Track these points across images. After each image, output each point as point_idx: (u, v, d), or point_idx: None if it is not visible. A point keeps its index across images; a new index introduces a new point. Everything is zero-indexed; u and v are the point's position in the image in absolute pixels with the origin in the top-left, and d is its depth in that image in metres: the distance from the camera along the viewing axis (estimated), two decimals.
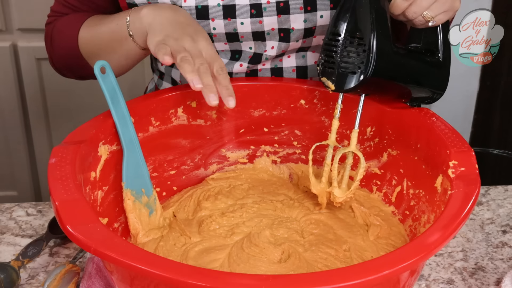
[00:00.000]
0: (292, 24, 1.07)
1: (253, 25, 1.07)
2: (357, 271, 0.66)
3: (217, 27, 1.07)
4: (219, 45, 1.10)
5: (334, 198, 0.98)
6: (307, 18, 1.06)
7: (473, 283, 0.99)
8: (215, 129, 1.09)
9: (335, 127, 0.98)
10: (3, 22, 2.04)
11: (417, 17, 0.93)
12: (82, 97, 2.16)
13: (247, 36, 1.08)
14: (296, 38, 1.09)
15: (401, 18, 0.94)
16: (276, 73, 1.16)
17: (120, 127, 0.93)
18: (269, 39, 1.09)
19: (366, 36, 0.90)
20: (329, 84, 0.95)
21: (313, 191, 1.00)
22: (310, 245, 0.92)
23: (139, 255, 0.68)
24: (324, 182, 0.99)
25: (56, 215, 0.73)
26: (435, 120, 0.94)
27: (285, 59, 1.15)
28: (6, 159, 2.25)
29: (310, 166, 0.99)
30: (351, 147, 0.97)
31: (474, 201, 0.76)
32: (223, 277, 0.68)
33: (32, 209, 1.16)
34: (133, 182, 0.95)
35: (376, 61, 0.90)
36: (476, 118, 2.31)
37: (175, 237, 0.94)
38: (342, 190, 0.97)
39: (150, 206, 0.96)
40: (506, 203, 1.20)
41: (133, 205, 0.94)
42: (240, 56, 1.13)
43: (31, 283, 0.98)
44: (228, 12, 1.05)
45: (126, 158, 0.94)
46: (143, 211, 0.95)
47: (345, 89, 0.93)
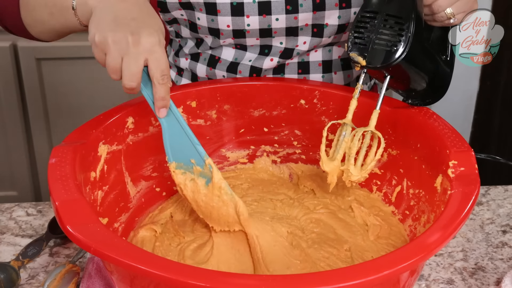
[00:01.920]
0: (326, 20, 1.08)
1: (288, 21, 1.07)
2: (357, 271, 0.66)
3: (252, 24, 1.07)
4: (250, 41, 1.11)
5: (348, 177, 0.96)
6: (342, 15, 1.07)
7: (473, 283, 0.99)
8: (215, 129, 1.09)
9: (353, 106, 0.98)
10: None
11: (441, 11, 0.94)
12: (82, 97, 2.16)
13: (280, 32, 1.09)
14: (329, 34, 1.10)
15: (426, 10, 0.95)
16: (302, 67, 1.16)
17: (153, 103, 0.88)
18: (302, 34, 1.10)
19: (407, 16, 0.91)
20: (359, 60, 0.94)
21: (324, 169, 0.98)
22: (313, 243, 0.92)
23: (139, 255, 0.68)
24: (338, 160, 0.97)
25: (56, 215, 0.73)
26: (435, 120, 0.94)
27: (312, 53, 1.15)
28: (6, 159, 2.25)
29: (323, 144, 0.97)
30: (370, 127, 0.95)
31: (474, 201, 0.77)
32: (223, 277, 0.68)
33: (32, 209, 1.16)
34: (178, 154, 0.91)
35: (412, 43, 0.91)
36: (476, 118, 2.31)
37: (169, 237, 0.94)
38: (357, 169, 0.96)
39: (206, 175, 0.92)
40: (506, 203, 1.20)
41: (183, 177, 0.91)
42: (269, 51, 1.13)
43: (31, 283, 0.98)
44: (264, 9, 1.06)
45: (167, 132, 0.90)
46: (198, 181, 0.91)
47: (376, 66, 0.93)
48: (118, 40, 0.81)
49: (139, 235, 0.95)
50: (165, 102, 0.86)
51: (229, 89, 1.09)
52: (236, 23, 1.06)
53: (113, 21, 0.84)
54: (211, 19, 1.07)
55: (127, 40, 0.81)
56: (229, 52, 1.14)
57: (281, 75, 1.16)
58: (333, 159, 0.97)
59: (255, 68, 1.13)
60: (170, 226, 0.97)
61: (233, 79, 1.14)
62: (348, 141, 0.96)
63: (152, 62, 0.82)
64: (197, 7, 1.06)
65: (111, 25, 0.83)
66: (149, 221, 0.99)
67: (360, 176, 0.96)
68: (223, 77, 1.15)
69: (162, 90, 0.84)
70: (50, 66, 2.13)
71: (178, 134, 0.90)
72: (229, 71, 1.15)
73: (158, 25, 0.86)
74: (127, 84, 0.82)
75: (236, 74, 1.14)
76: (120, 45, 0.81)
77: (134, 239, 0.95)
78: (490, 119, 2.30)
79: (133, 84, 0.82)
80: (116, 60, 0.82)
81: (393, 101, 1.03)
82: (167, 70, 0.84)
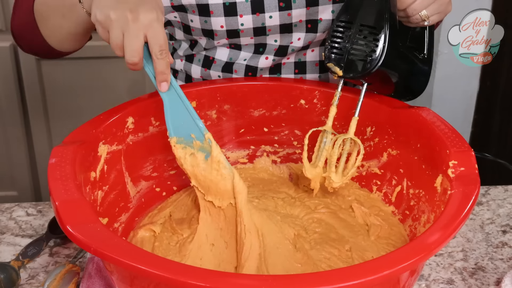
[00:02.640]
0: (320, 15, 1.08)
1: (282, 18, 1.07)
2: (357, 271, 0.66)
3: (245, 23, 1.07)
4: (244, 40, 1.11)
5: (330, 183, 0.99)
6: (335, 9, 1.07)
7: (473, 283, 0.99)
8: (215, 129, 1.09)
9: (332, 113, 1.00)
10: (3, 22, 2.04)
11: (415, 14, 0.95)
12: (82, 97, 2.16)
13: (274, 29, 1.09)
14: (324, 29, 1.10)
15: (401, 14, 0.97)
16: (299, 66, 1.16)
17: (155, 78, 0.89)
18: (296, 30, 1.10)
19: (380, 26, 0.93)
20: (336, 70, 0.96)
21: (306, 175, 1.01)
22: (316, 244, 0.92)
23: (139, 255, 0.68)
24: (320, 167, 1.00)
25: (56, 215, 0.73)
26: (435, 120, 0.94)
27: (309, 53, 1.15)
28: (6, 159, 2.25)
29: (304, 151, 1.00)
30: (349, 134, 0.98)
31: (474, 201, 0.76)
32: (223, 277, 0.68)
33: (32, 209, 1.16)
34: (178, 129, 0.92)
35: (387, 50, 0.92)
36: (476, 118, 2.31)
37: (167, 236, 0.94)
38: (338, 176, 0.99)
39: (205, 149, 0.92)
40: (506, 203, 1.20)
41: (183, 151, 0.92)
42: (264, 49, 1.13)
43: (31, 283, 0.98)
44: (257, 7, 1.06)
45: (168, 107, 0.91)
46: (198, 155, 0.92)
47: (353, 76, 0.96)
48: (117, 18, 0.84)
49: (138, 235, 0.95)
50: (165, 76, 0.88)
51: (229, 89, 1.09)
52: (230, 23, 1.06)
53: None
54: (204, 21, 1.07)
55: (126, 17, 0.84)
56: (224, 52, 1.14)
57: (277, 75, 1.16)
58: (315, 166, 1.00)
59: (251, 67, 1.13)
60: (168, 225, 0.97)
61: (233, 79, 1.13)
62: (329, 148, 0.99)
63: (151, 38, 0.85)
64: (189, 9, 1.06)
65: (111, 3, 0.86)
66: (148, 221, 0.99)
67: (342, 183, 0.99)
68: (218, 77, 1.15)
69: (162, 64, 0.86)
70: (50, 66, 2.13)
71: (179, 109, 0.91)
72: (224, 71, 1.15)
73: (156, 2, 0.88)
74: (129, 60, 0.84)
75: (232, 74, 1.14)
76: (120, 22, 0.84)
77: (134, 240, 0.95)
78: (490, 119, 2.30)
79: (135, 59, 0.84)
80: (118, 37, 0.84)
81: (393, 101, 1.03)
82: (165, 45, 0.86)
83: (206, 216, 0.93)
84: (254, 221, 0.89)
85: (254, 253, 0.86)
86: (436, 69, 2.10)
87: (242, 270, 0.85)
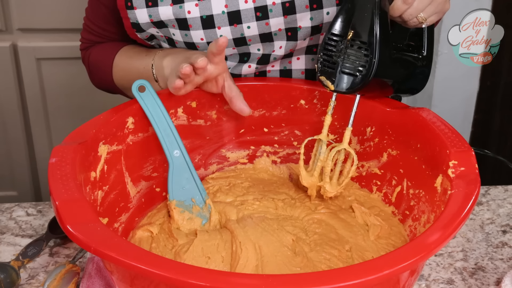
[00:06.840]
0: (299, 23, 1.07)
1: (260, 27, 1.07)
2: (357, 271, 0.66)
3: (224, 34, 1.07)
4: (227, 50, 1.11)
5: (325, 192, 1.01)
6: (314, 16, 1.07)
7: (473, 283, 0.99)
8: (215, 129, 1.09)
9: (327, 122, 1.00)
10: (3, 22, 2.04)
11: (412, 18, 0.94)
12: (82, 97, 2.16)
13: (254, 39, 1.09)
14: (304, 36, 1.10)
15: (397, 19, 0.96)
16: (285, 74, 1.16)
17: (164, 141, 0.97)
18: (277, 39, 1.10)
19: (370, 41, 0.92)
20: (328, 84, 0.96)
21: (303, 183, 1.02)
22: (315, 245, 0.92)
23: (139, 255, 0.68)
24: (316, 176, 1.01)
25: (56, 215, 0.73)
26: (435, 120, 0.94)
27: (294, 61, 1.15)
28: (6, 159, 2.25)
29: (301, 159, 1.01)
30: (343, 145, 0.98)
31: (474, 201, 0.76)
32: (223, 277, 0.68)
33: (32, 209, 1.16)
34: (179, 193, 0.98)
35: (377, 65, 0.92)
36: (476, 118, 2.31)
37: (164, 238, 0.94)
38: (333, 185, 1.00)
39: (204, 215, 0.98)
40: (506, 203, 1.20)
41: (181, 215, 0.97)
42: (248, 58, 1.13)
43: (31, 283, 0.98)
44: (234, 18, 1.06)
45: (172, 171, 0.97)
46: (195, 220, 0.97)
47: (344, 90, 0.95)
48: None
49: (136, 235, 0.95)
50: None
51: None
52: (209, 35, 1.06)
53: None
54: (184, 34, 1.07)
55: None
56: None
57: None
58: (311, 175, 1.01)
59: (234, 76, 1.13)
60: (165, 227, 0.97)
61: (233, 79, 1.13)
62: (323, 159, 1.00)
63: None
64: (169, 24, 1.07)
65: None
66: (147, 222, 0.99)
67: (336, 192, 1.00)
68: None
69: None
70: (50, 66, 2.13)
71: (184, 174, 0.98)
72: None
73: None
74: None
75: None
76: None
77: (132, 240, 0.95)
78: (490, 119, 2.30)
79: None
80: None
81: (393, 102, 1.03)
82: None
83: (203, 232, 0.94)
84: (250, 237, 0.90)
85: (251, 265, 0.86)
86: (436, 69, 2.10)
87: None
